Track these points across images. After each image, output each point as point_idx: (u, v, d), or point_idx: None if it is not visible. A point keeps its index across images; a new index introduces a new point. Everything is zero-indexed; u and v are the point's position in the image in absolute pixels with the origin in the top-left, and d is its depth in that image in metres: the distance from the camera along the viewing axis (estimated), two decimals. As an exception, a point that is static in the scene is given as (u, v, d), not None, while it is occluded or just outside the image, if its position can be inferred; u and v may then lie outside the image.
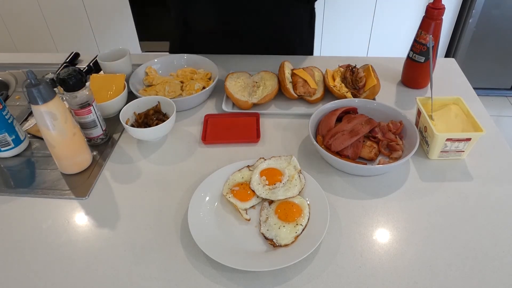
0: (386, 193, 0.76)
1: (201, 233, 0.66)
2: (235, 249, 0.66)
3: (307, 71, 1.02)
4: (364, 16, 2.31)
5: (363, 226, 0.70)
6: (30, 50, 2.70)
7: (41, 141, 0.91)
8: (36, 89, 0.69)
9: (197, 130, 0.93)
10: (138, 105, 0.92)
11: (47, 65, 1.17)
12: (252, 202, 0.74)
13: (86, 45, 2.64)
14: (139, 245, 0.68)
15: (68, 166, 0.82)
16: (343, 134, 0.81)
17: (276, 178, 0.76)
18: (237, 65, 1.14)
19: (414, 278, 0.62)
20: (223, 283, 0.62)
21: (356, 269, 0.63)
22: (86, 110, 0.82)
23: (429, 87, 0.96)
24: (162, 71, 1.10)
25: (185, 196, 0.76)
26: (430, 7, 0.92)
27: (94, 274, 0.64)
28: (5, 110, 0.83)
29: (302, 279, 0.62)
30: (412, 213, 0.72)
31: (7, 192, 0.79)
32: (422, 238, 0.68)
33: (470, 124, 0.80)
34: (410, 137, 0.82)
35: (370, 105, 0.90)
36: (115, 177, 0.82)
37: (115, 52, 1.07)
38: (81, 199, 0.77)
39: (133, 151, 0.88)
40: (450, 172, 0.79)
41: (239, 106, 0.97)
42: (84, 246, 0.69)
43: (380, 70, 1.05)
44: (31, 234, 0.71)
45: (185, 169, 0.83)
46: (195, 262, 0.65)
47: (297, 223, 0.68)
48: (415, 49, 0.98)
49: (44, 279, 0.64)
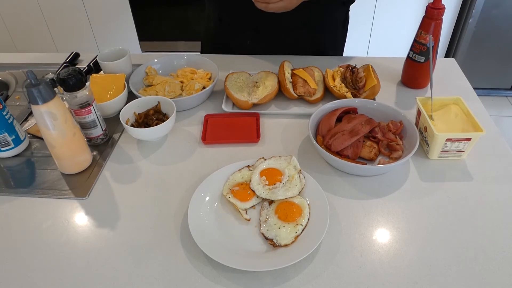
0: (386, 193, 0.76)
1: (201, 233, 0.66)
2: (235, 249, 0.66)
3: (307, 71, 1.02)
4: (364, 16, 2.31)
5: (363, 226, 0.70)
6: (30, 50, 2.70)
7: (41, 141, 0.91)
8: (36, 89, 0.69)
9: (197, 130, 0.93)
10: (138, 105, 0.92)
11: (47, 65, 1.17)
12: (252, 202, 0.74)
13: (86, 45, 2.64)
14: (139, 245, 0.68)
15: (68, 166, 0.82)
16: (343, 134, 0.81)
17: (276, 178, 0.76)
18: (237, 65, 1.14)
19: (414, 278, 0.62)
20: (223, 283, 0.62)
21: (356, 269, 0.63)
22: (86, 110, 0.82)
23: (429, 87, 0.96)
24: (162, 71, 1.10)
25: (185, 196, 0.76)
26: (430, 7, 0.92)
27: (94, 274, 0.64)
28: (5, 110, 0.83)
29: (302, 279, 0.62)
30: (412, 213, 0.72)
31: (7, 192, 0.79)
32: (422, 238, 0.68)
33: (470, 124, 0.80)
34: (410, 137, 0.82)
35: (370, 105, 0.90)
36: (115, 177, 0.82)
37: (115, 52, 1.08)
38: (81, 199, 0.77)
39: (133, 151, 0.88)
40: (450, 172, 0.79)
41: (239, 106, 0.97)
42: (84, 246, 0.69)
43: (380, 70, 1.05)
44: (31, 234, 0.71)
45: (185, 169, 0.83)
46: (195, 262, 0.65)
47: (297, 223, 0.68)
48: (415, 49, 0.98)
49: (44, 279, 0.64)
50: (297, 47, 1.17)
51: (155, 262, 0.65)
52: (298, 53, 1.16)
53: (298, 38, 1.16)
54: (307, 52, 1.17)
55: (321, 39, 1.18)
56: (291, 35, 1.14)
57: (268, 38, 1.15)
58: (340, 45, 1.26)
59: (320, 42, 1.18)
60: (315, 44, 1.18)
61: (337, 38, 1.23)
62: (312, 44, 1.18)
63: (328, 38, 1.20)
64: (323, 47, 1.19)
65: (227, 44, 1.21)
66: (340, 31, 1.22)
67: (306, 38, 1.16)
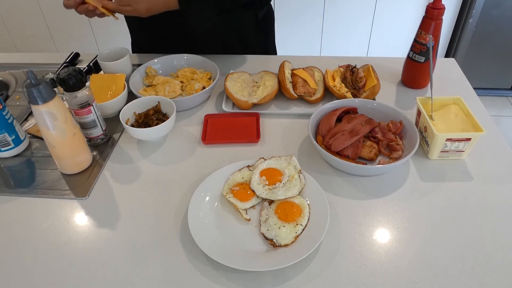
0: (386, 193, 0.76)
1: (201, 233, 0.66)
2: (235, 249, 0.66)
3: (307, 71, 1.02)
4: (364, 16, 2.31)
5: (363, 226, 0.70)
6: (30, 50, 2.70)
7: (41, 141, 0.91)
8: (36, 89, 0.69)
9: (197, 130, 0.93)
10: (138, 105, 0.92)
11: (47, 65, 1.18)
12: (252, 202, 0.74)
13: (86, 45, 2.64)
14: (139, 245, 0.68)
15: (68, 166, 0.82)
16: (343, 134, 0.81)
17: (276, 178, 0.76)
18: (237, 65, 1.14)
19: (414, 278, 0.62)
20: (223, 283, 0.62)
21: (356, 269, 0.63)
22: (86, 110, 0.82)
23: (429, 87, 0.96)
24: (162, 71, 1.10)
25: (185, 196, 0.76)
26: (430, 7, 0.92)
27: (94, 274, 0.64)
28: (5, 110, 0.83)
29: (302, 279, 0.62)
30: (412, 213, 0.72)
31: (7, 192, 0.79)
32: (422, 238, 0.68)
33: (470, 124, 0.80)
34: (410, 137, 0.82)
35: (370, 105, 0.90)
36: (115, 177, 0.82)
37: (115, 52, 1.08)
38: (81, 199, 0.77)
39: (133, 151, 0.88)
40: (450, 172, 0.79)
41: (239, 106, 0.97)
42: (84, 246, 0.69)
43: (380, 70, 1.05)
44: (31, 234, 0.71)
45: (185, 169, 0.83)
46: (195, 262, 0.65)
47: (297, 223, 0.68)
48: (415, 49, 0.98)
49: (44, 279, 0.64)
50: (207, 48, 1.18)
51: (155, 262, 0.65)
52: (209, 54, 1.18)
53: (211, 43, 1.18)
54: (218, 52, 1.19)
55: (232, 41, 1.19)
56: (204, 40, 1.17)
57: (182, 44, 1.17)
58: (259, 44, 1.25)
59: (231, 45, 1.20)
60: (226, 47, 1.20)
61: (250, 39, 1.22)
62: (224, 47, 1.19)
63: (238, 41, 1.20)
64: (237, 49, 1.21)
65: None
66: (253, 32, 1.21)
67: (216, 42, 1.18)
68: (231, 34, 1.17)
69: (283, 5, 2.28)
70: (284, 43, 2.49)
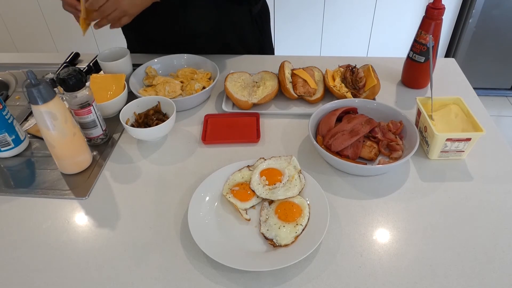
0: (386, 193, 0.76)
1: (201, 233, 0.66)
2: (235, 249, 0.66)
3: (307, 71, 1.02)
4: (364, 16, 2.31)
5: (363, 226, 0.70)
6: (30, 50, 2.70)
7: (41, 141, 0.91)
8: (36, 89, 0.69)
9: (197, 130, 0.93)
10: (138, 105, 0.92)
11: (47, 65, 1.18)
12: (252, 202, 0.74)
13: (86, 45, 2.64)
14: (139, 245, 0.68)
15: (68, 166, 0.82)
16: (343, 134, 0.81)
17: (276, 178, 0.76)
18: (237, 65, 1.14)
19: (414, 278, 0.62)
20: (223, 283, 0.62)
21: (356, 269, 0.63)
22: (86, 110, 0.82)
23: (429, 87, 0.96)
24: (162, 71, 1.10)
25: (185, 196, 0.76)
26: (430, 7, 0.92)
27: (94, 274, 0.64)
28: (5, 110, 0.83)
29: (302, 279, 0.62)
30: (412, 213, 0.72)
31: (7, 192, 0.79)
32: (422, 238, 0.68)
33: (470, 124, 0.80)
34: (410, 137, 0.82)
35: (370, 105, 0.90)
36: (115, 177, 0.82)
37: (115, 52, 1.08)
38: (81, 199, 0.77)
39: (133, 151, 0.88)
40: (450, 172, 0.79)
41: (239, 106, 0.97)
42: (84, 246, 0.69)
43: (380, 70, 1.05)
44: (31, 234, 0.71)
45: (185, 169, 0.83)
46: (195, 262, 0.65)
47: (297, 223, 0.68)
48: (415, 49, 0.98)
49: (44, 279, 0.64)
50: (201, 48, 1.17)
51: (155, 262, 0.65)
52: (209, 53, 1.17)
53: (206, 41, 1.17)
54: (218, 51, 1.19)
55: (227, 39, 1.19)
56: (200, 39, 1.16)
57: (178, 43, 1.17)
58: (255, 40, 1.25)
59: (228, 42, 1.19)
60: (224, 44, 1.19)
61: (247, 37, 1.22)
62: (221, 45, 1.19)
63: (234, 38, 1.20)
64: (234, 46, 1.20)
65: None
66: (249, 31, 1.21)
67: (214, 40, 1.18)
68: (226, 31, 1.17)
69: (283, 5, 2.28)
70: (284, 43, 2.49)
